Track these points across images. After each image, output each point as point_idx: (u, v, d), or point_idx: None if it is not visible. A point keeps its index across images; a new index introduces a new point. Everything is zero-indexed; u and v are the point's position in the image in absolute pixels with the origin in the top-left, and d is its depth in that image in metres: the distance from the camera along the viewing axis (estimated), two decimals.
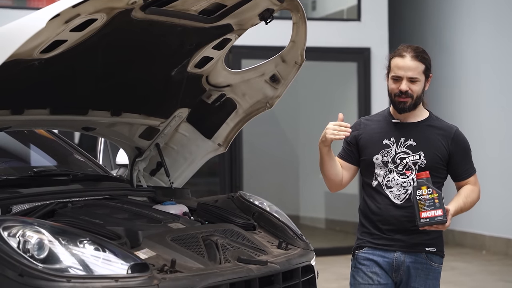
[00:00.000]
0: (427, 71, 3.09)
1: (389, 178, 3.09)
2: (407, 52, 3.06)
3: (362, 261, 3.13)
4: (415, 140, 3.09)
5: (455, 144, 3.13)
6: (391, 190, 3.09)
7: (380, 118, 3.20)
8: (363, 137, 3.15)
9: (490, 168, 8.70)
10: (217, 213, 3.51)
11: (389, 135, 3.12)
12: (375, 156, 3.10)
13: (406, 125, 3.12)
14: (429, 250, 3.11)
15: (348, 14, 9.60)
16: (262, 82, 3.71)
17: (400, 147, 3.09)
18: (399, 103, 3.07)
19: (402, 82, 3.04)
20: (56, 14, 2.60)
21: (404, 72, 3.03)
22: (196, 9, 3.15)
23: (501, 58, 8.58)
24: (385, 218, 3.09)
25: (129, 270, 2.61)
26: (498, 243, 8.53)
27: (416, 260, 3.10)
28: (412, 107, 3.09)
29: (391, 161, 3.09)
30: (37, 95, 3.28)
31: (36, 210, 3.15)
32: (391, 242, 3.09)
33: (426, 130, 3.12)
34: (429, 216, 2.91)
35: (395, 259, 3.09)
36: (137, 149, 3.95)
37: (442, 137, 3.12)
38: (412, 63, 3.04)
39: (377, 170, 3.11)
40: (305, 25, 3.40)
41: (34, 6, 8.51)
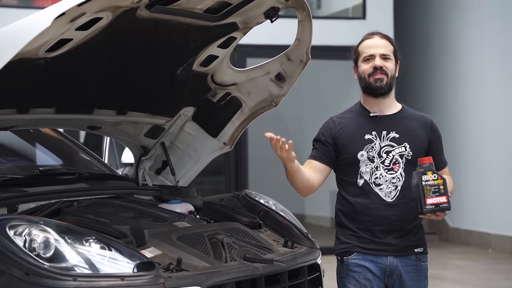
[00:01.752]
0: (396, 53, 3.06)
1: (377, 175, 2.98)
2: (374, 34, 3.07)
3: (354, 268, 3.01)
4: (398, 132, 3.01)
5: (433, 132, 3.08)
6: (380, 188, 2.98)
7: (353, 114, 3.09)
8: (342, 134, 3.04)
9: (495, 167, 8.68)
10: (223, 212, 3.51)
11: (370, 129, 3.02)
12: (360, 153, 2.99)
13: (385, 118, 3.05)
14: (418, 251, 3.04)
15: (353, 12, 9.59)
16: (267, 80, 3.71)
17: (384, 140, 3.01)
18: (375, 81, 2.99)
19: (375, 59, 3.00)
20: (61, 13, 2.61)
21: (376, 50, 3.01)
22: (201, 8, 3.15)
23: (507, 55, 8.56)
24: (376, 218, 2.97)
25: (135, 268, 2.61)
26: (504, 241, 8.51)
27: (407, 263, 3.02)
28: (388, 88, 3.01)
29: (377, 156, 2.99)
30: (42, 94, 3.28)
31: (42, 209, 3.15)
32: (382, 247, 2.98)
33: (405, 121, 3.05)
34: (434, 203, 2.81)
35: (389, 264, 2.99)
36: (143, 148, 3.95)
37: (421, 126, 3.06)
38: (381, 41, 3.04)
39: (363, 168, 2.99)
40: (310, 23, 3.39)
41: (39, 5, 8.52)
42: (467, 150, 9.17)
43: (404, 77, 10.12)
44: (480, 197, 8.97)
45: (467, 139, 9.18)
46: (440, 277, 6.97)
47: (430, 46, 9.94)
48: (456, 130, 9.34)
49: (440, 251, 8.76)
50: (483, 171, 8.93)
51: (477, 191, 9.00)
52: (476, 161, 9.03)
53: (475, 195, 9.01)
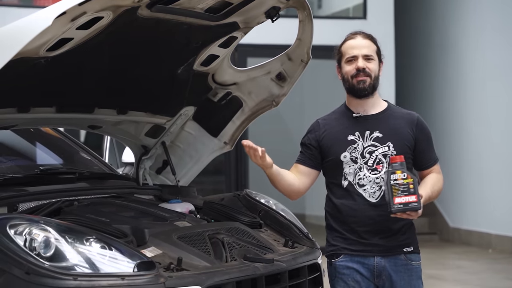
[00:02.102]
0: (379, 53, 3.02)
1: (360, 176, 2.94)
2: (357, 34, 3.02)
3: (342, 270, 2.98)
4: (381, 131, 2.97)
5: (419, 130, 3.01)
6: (364, 188, 2.94)
7: (337, 115, 3.07)
8: (325, 137, 3.03)
9: (496, 167, 8.68)
10: (223, 211, 3.51)
11: (353, 130, 2.99)
12: (343, 154, 2.97)
13: (369, 117, 3.00)
14: (407, 250, 2.97)
15: (354, 12, 9.59)
16: (268, 80, 3.70)
17: (367, 140, 2.97)
18: (358, 83, 2.95)
19: (358, 60, 2.95)
20: (62, 12, 2.60)
21: (358, 51, 2.96)
22: (202, 7, 3.15)
23: (508, 55, 8.55)
24: (361, 219, 2.94)
25: (136, 268, 2.61)
26: (504, 241, 8.51)
27: (396, 263, 2.96)
28: (372, 89, 2.97)
29: (360, 157, 2.95)
30: (43, 93, 3.28)
31: (43, 208, 3.15)
32: (368, 248, 2.95)
33: (389, 119, 3.00)
34: (403, 202, 2.75)
35: (376, 264, 2.94)
36: (143, 147, 3.95)
37: (407, 125, 2.99)
38: (364, 41, 2.99)
39: (346, 169, 2.96)
40: (311, 23, 3.39)
41: (40, 4, 8.52)
42: (468, 150, 9.17)
43: (405, 77, 10.12)
44: (480, 197, 8.96)
45: (468, 140, 9.18)
46: (440, 277, 6.97)
47: (431, 46, 9.93)
48: (457, 130, 9.34)
49: (440, 251, 8.76)
50: (483, 171, 8.93)
51: (478, 191, 9.00)
52: (477, 161, 9.03)
53: (476, 195, 9.01)
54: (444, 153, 9.43)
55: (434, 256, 8.30)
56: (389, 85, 8.87)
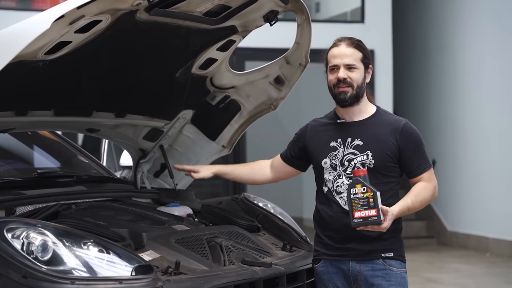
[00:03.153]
0: (365, 60, 2.92)
1: (338, 183, 2.89)
2: (341, 41, 2.94)
3: (322, 275, 2.96)
4: (362, 139, 2.90)
5: (404, 138, 2.90)
6: (341, 196, 2.89)
7: (326, 119, 3.04)
8: (311, 141, 3.01)
9: (493, 170, 8.69)
10: (221, 215, 3.50)
11: (336, 136, 2.94)
12: (324, 160, 2.94)
13: (352, 124, 2.94)
14: (386, 255, 2.88)
15: (352, 16, 9.60)
16: (266, 83, 3.71)
17: (347, 148, 2.91)
18: (339, 94, 2.91)
19: (340, 70, 2.90)
20: (60, 16, 2.60)
21: (340, 60, 2.90)
22: (200, 11, 3.15)
23: (505, 59, 8.57)
24: (337, 226, 2.89)
25: (133, 272, 2.61)
26: (502, 245, 8.51)
27: (374, 267, 2.88)
28: (354, 99, 2.90)
29: (339, 164, 2.90)
30: (41, 97, 3.28)
31: (40, 212, 3.14)
32: (344, 252, 2.90)
33: (373, 127, 2.92)
34: (362, 216, 2.70)
35: (351, 269, 2.88)
36: (141, 150, 3.94)
37: (390, 133, 2.90)
38: (347, 49, 2.91)
39: (326, 175, 2.93)
40: (309, 26, 3.39)
41: (38, 7, 8.52)
42: (465, 154, 9.18)
43: (402, 81, 10.13)
44: (478, 201, 8.97)
45: (466, 143, 9.19)
46: (439, 281, 6.97)
47: (429, 49, 9.95)
48: (454, 134, 9.34)
49: (439, 254, 8.76)
50: (481, 174, 8.93)
51: (475, 194, 9.01)
52: (474, 164, 9.03)
53: (473, 198, 9.02)
54: (441, 157, 9.44)
55: (433, 259, 8.30)
56: (386, 88, 8.88)
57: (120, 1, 2.78)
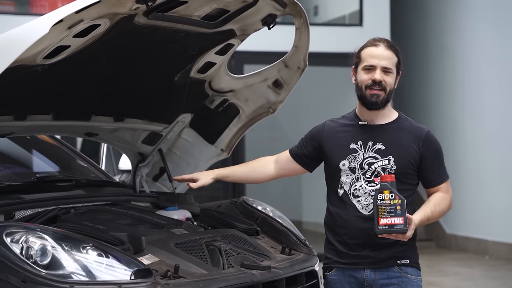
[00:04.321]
0: (399, 66, 2.88)
1: (356, 187, 2.82)
2: (381, 42, 2.87)
3: (333, 284, 2.89)
4: (384, 143, 2.84)
5: (426, 146, 2.86)
6: (358, 199, 2.82)
7: (346, 120, 2.95)
8: (328, 141, 2.91)
9: (492, 173, 8.69)
10: (220, 219, 3.50)
11: (356, 138, 2.87)
12: (342, 162, 2.85)
13: (374, 128, 2.87)
14: (402, 262, 2.82)
15: (350, 19, 9.61)
16: (265, 87, 3.71)
17: (368, 151, 2.84)
18: (371, 96, 2.82)
19: (376, 72, 2.81)
20: (59, 20, 2.61)
21: (378, 61, 2.82)
22: (199, 15, 3.15)
23: (504, 61, 8.58)
24: (352, 231, 2.82)
25: (132, 275, 2.61)
26: (501, 248, 8.51)
27: (389, 275, 2.82)
28: (384, 103, 2.85)
29: (359, 167, 2.83)
30: (40, 101, 3.28)
31: (39, 216, 3.14)
32: (358, 260, 2.83)
33: (395, 132, 2.86)
34: (388, 223, 2.65)
35: (366, 278, 2.82)
36: (140, 154, 3.95)
37: (413, 140, 2.85)
38: (386, 52, 2.85)
39: (343, 178, 2.85)
40: (307, 30, 3.40)
41: (37, 12, 8.52)
42: (465, 156, 9.18)
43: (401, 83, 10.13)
44: (477, 204, 8.97)
45: (465, 146, 9.19)
46: (439, 284, 6.97)
47: (427, 52, 9.96)
48: (453, 137, 9.35)
49: (438, 257, 8.76)
50: (480, 177, 8.94)
51: (474, 197, 9.01)
52: (474, 167, 9.04)
53: (472, 201, 9.02)
54: None
55: (432, 263, 8.30)
56: None
57: (119, 5, 2.79)
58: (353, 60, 2.91)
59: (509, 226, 8.44)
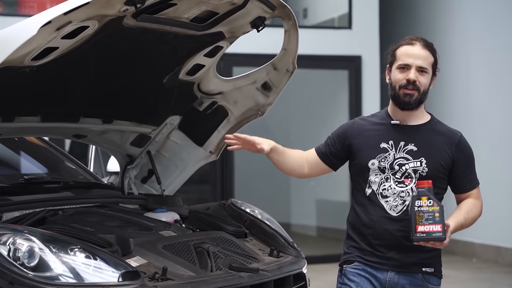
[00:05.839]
0: (435, 66, 2.82)
1: (385, 187, 2.75)
2: (417, 41, 2.80)
3: (352, 277, 2.78)
4: (416, 144, 2.76)
5: (459, 151, 2.80)
6: (387, 200, 2.74)
7: (376, 119, 2.87)
8: (357, 139, 2.82)
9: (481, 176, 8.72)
10: (209, 221, 3.50)
11: (387, 138, 2.78)
12: (371, 161, 2.77)
13: (407, 128, 2.79)
14: (426, 270, 2.75)
15: (339, 22, 9.63)
16: (253, 89, 3.72)
17: (399, 152, 2.76)
18: (404, 96, 2.74)
19: (411, 71, 2.74)
20: (47, 21, 2.61)
21: (413, 60, 2.74)
22: (188, 17, 3.16)
23: (493, 61, 8.62)
24: (378, 232, 2.74)
25: (120, 278, 2.61)
26: (488, 250, 8.56)
27: (412, 281, 2.74)
28: (417, 103, 2.77)
29: (389, 167, 2.75)
30: (28, 102, 3.27)
31: (27, 218, 3.13)
32: (383, 261, 2.74)
33: (428, 134, 2.79)
34: (426, 231, 2.59)
35: (388, 280, 2.74)
36: (129, 156, 3.94)
37: (446, 143, 2.79)
38: (423, 51, 2.78)
39: (372, 177, 2.76)
40: (296, 33, 3.41)
41: (25, 13, 8.49)
42: None
43: None
44: None
45: None
46: None
47: None
48: None
49: None
50: None
51: None
52: None
53: None
54: None
55: None
56: (373, 94, 8.91)
57: (107, 7, 2.78)
58: (388, 58, 2.83)
59: (496, 229, 8.49)
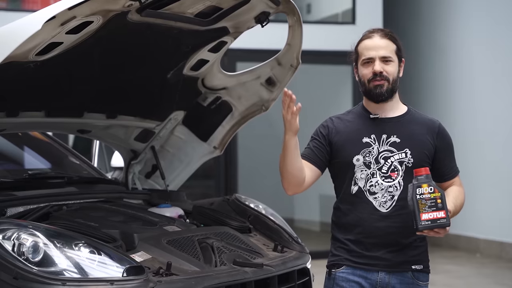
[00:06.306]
0: (399, 52, 2.76)
1: (372, 183, 2.69)
2: (374, 32, 2.76)
3: (341, 282, 2.72)
4: (399, 136, 2.72)
5: (440, 138, 2.80)
6: (375, 196, 2.69)
7: (353, 115, 2.81)
8: (338, 135, 2.76)
9: (484, 171, 8.72)
10: (213, 216, 3.51)
11: (369, 132, 2.73)
12: (356, 157, 2.70)
13: (387, 121, 2.76)
14: (416, 268, 2.74)
15: (343, 17, 9.62)
16: (257, 85, 3.71)
17: (383, 145, 2.72)
18: (375, 88, 2.71)
19: (375, 63, 2.70)
20: (52, 17, 2.60)
21: (375, 52, 2.71)
22: (192, 12, 3.15)
23: (495, 58, 8.61)
24: (368, 229, 2.69)
25: (125, 273, 2.61)
26: (492, 246, 8.55)
27: (402, 280, 2.72)
28: (390, 93, 2.73)
29: (374, 162, 2.70)
30: (32, 98, 3.27)
31: (31, 213, 3.14)
32: (373, 261, 2.70)
33: (408, 124, 2.76)
34: (430, 218, 2.53)
35: (379, 280, 2.70)
36: (133, 151, 3.94)
37: (427, 132, 2.77)
38: (382, 41, 2.73)
39: (358, 174, 2.70)
40: (301, 28, 3.40)
41: (29, 8, 8.49)
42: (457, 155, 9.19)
43: None
44: (468, 202, 8.95)
45: (456, 144, 9.18)
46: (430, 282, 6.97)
47: (419, 50, 9.98)
48: None
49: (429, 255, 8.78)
50: (471, 176, 8.96)
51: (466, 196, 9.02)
52: (464, 166, 9.03)
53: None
54: None
55: None
56: None
57: (112, 2, 2.78)
58: (352, 57, 2.80)
59: (499, 224, 8.48)
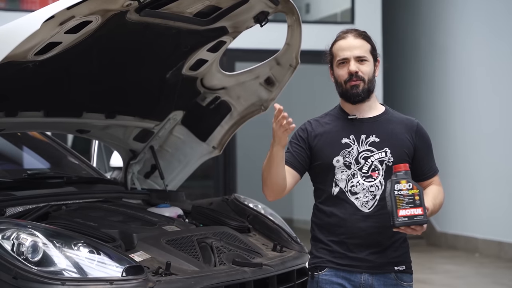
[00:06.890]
0: (374, 52, 2.75)
1: (353, 183, 2.68)
2: (348, 33, 2.75)
3: (324, 285, 2.69)
4: (378, 135, 2.72)
5: (419, 137, 2.77)
6: (357, 196, 2.68)
7: (331, 117, 2.81)
8: (317, 138, 2.75)
9: (482, 171, 8.73)
10: (212, 216, 3.51)
11: (347, 133, 2.73)
12: (336, 158, 2.70)
13: (365, 121, 2.75)
14: (399, 269, 2.72)
15: (342, 17, 9.63)
16: (256, 84, 3.71)
17: (362, 145, 2.71)
18: (351, 88, 2.70)
19: (350, 64, 2.69)
20: (50, 16, 2.60)
21: (350, 52, 2.70)
22: (191, 12, 3.15)
23: (495, 60, 8.61)
24: (351, 230, 2.67)
25: (124, 272, 2.61)
26: (490, 246, 8.56)
27: (386, 282, 2.70)
28: (366, 93, 2.72)
29: (354, 162, 2.69)
30: (31, 97, 3.27)
31: (30, 213, 3.14)
32: (356, 263, 2.68)
33: (387, 124, 2.76)
34: (408, 215, 2.51)
35: (363, 282, 2.68)
36: (132, 151, 3.94)
37: (406, 131, 2.75)
38: (356, 41, 2.72)
39: (338, 175, 2.69)
40: (300, 28, 3.40)
41: (28, 8, 8.49)
42: (454, 155, 9.22)
43: (392, 82, 10.17)
44: (467, 202, 9.01)
45: (455, 144, 9.23)
46: (429, 282, 6.99)
47: (419, 51, 9.99)
48: (443, 135, 9.38)
49: (428, 255, 8.79)
50: (470, 176, 8.98)
51: (464, 195, 9.05)
52: (463, 166, 9.07)
53: (462, 199, 9.06)
54: None
55: (422, 260, 8.32)
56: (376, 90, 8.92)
57: (111, 2, 2.78)
58: (327, 58, 2.81)
59: (498, 224, 8.49)
